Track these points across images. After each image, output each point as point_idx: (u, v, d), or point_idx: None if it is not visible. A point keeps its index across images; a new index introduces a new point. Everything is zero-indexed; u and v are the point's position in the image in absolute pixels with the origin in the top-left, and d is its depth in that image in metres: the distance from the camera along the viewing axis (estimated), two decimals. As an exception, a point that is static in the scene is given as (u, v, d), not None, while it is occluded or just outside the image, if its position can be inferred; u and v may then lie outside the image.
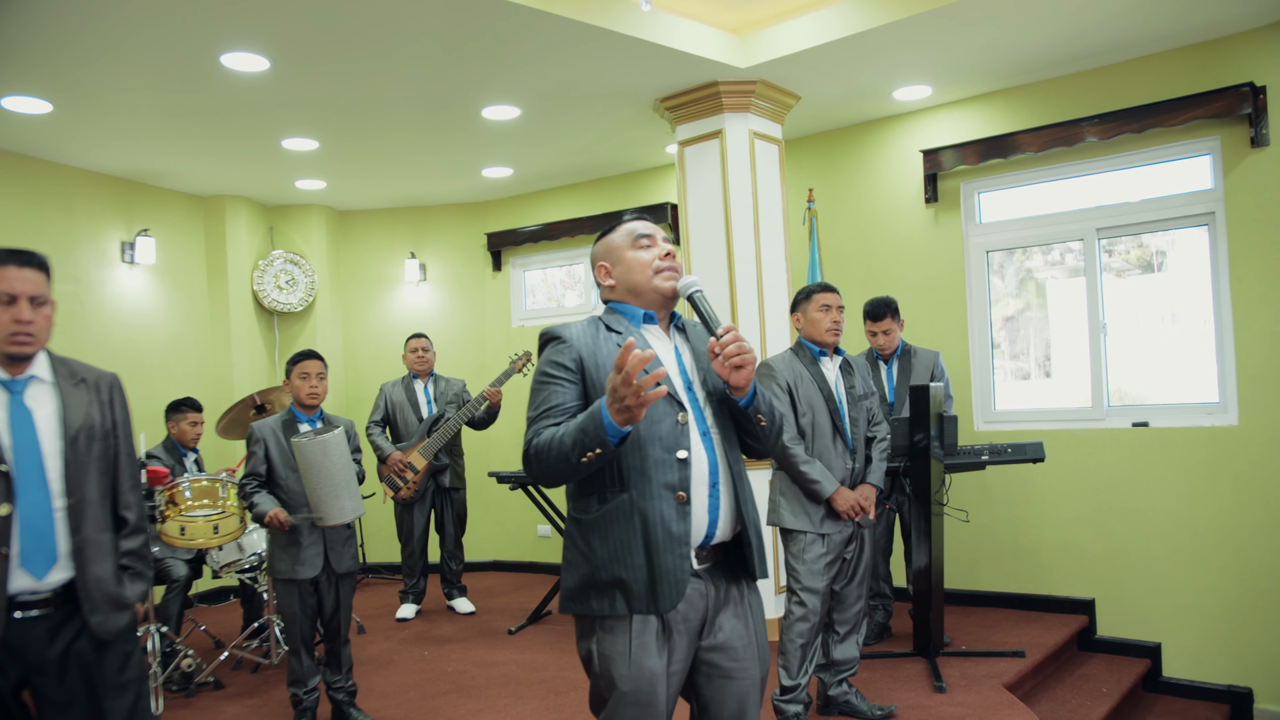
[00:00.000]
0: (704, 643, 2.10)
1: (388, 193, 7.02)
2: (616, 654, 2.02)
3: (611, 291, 2.23)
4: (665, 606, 1.99)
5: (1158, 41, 4.67)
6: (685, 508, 2.03)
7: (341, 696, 4.05)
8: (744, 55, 4.75)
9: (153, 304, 6.27)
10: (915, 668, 4.34)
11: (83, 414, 2.41)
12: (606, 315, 2.21)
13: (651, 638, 2.03)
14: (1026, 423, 5.28)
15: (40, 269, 2.37)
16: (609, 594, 2.03)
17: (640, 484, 2.03)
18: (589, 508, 2.09)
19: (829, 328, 3.63)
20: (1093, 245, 5.08)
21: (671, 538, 2.01)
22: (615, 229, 2.25)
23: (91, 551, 2.37)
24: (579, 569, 2.08)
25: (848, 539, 3.65)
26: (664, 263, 2.16)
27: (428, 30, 4.12)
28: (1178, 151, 4.82)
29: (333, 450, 3.75)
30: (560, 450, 1.97)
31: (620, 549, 2.02)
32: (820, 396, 3.61)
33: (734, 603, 2.13)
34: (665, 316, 2.22)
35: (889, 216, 5.66)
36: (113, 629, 2.38)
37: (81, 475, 2.38)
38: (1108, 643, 4.97)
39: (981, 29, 4.42)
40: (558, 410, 2.07)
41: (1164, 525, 4.80)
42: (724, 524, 2.09)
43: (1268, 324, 4.52)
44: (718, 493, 2.09)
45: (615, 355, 2.05)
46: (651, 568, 2.00)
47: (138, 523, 2.54)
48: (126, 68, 4.33)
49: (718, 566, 2.12)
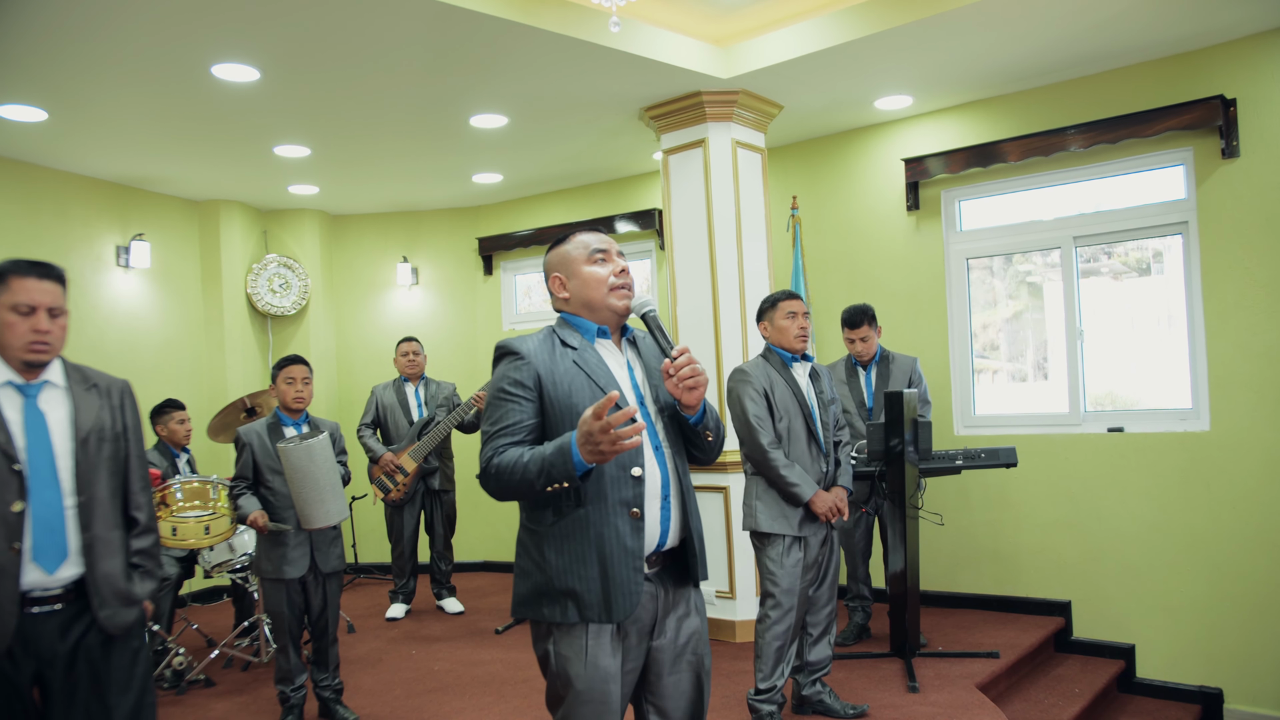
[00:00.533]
0: (654, 642, 2.21)
1: (380, 197, 7.12)
2: (573, 654, 2.11)
3: (565, 303, 2.27)
4: (619, 615, 2.09)
5: (1132, 54, 4.76)
6: (639, 523, 2.11)
7: (328, 694, 4.14)
8: (726, 66, 4.84)
9: (147, 307, 6.36)
10: (892, 668, 4.43)
11: (93, 417, 2.53)
12: (560, 328, 2.25)
13: (606, 639, 2.12)
14: (1005, 428, 5.37)
15: (59, 281, 2.50)
16: (561, 602, 2.11)
17: (596, 500, 2.10)
18: (543, 519, 2.16)
19: (797, 334, 3.71)
20: (1070, 253, 5.17)
21: (626, 551, 2.09)
22: (569, 239, 2.28)
23: (101, 548, 2.48)
24: (532, 577, 2.16)
25: (822, 541, 3.73)
26: (619, 279, 2.21)
27: (413, 42, 4.21)
28: (1152, 162, 4.91)
29: (318, 455, 3.83)
30: (524, 476, 2.04)
31: (574, 561, 2.10)
32: (795, 401, 3.69)
33: (680, 604, 2.25)
34: (617, 331, 2.28)
35: (871, 223, 5.75)
36: (121, 624, 2.49)
37: (91, 475, 2.49)
38: (1083, 644, 5.06)
39: (959, 42, 4.51)
40: (516, 428, 2.13)
41: (1138, 529, 4.89)
42: (673, 533, 2.20)
43: (1238, 332, 4.61)
44: (669, 505, 2.18)
45: (570, 370, 2.16)
46: (605, 579, 2.08)
47: (148, 522, 2.66)
48: (119, 77, 4.42)
49: (665, 570, 2.22)
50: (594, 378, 2.16)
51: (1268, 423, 4.53)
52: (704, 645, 2.28)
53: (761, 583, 3.70)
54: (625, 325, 2.30)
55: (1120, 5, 4.16)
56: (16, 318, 2.39)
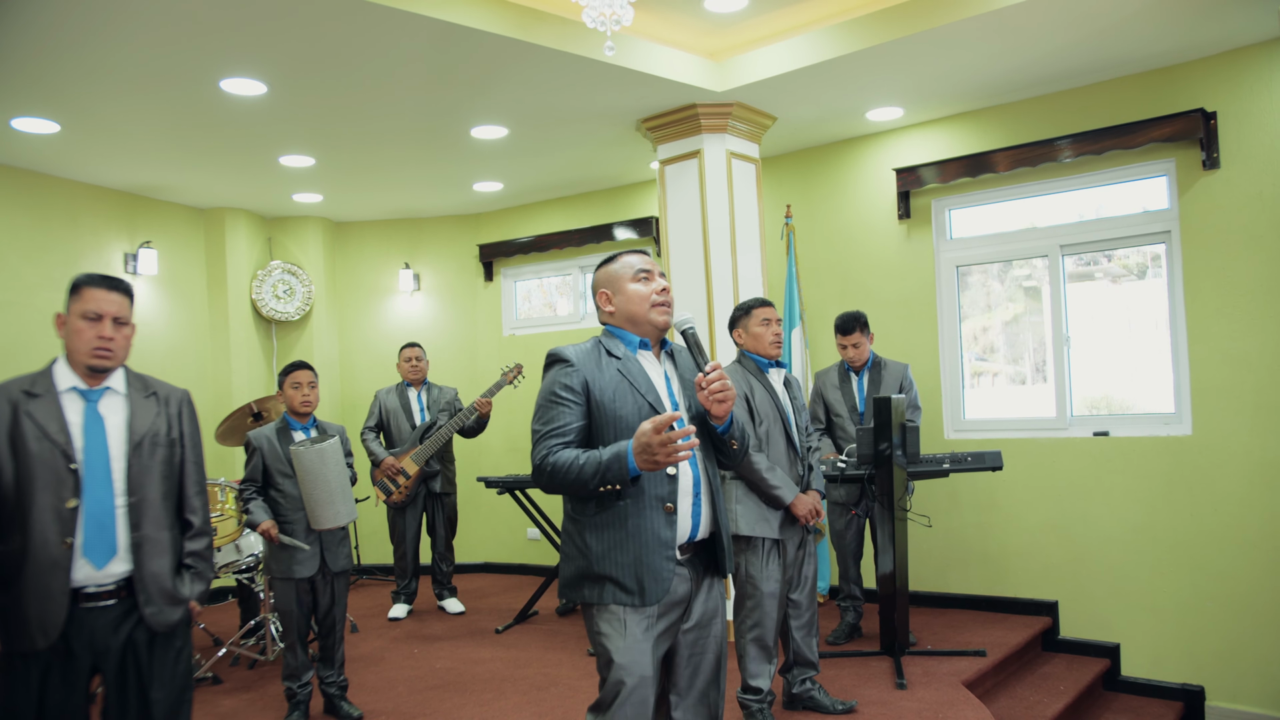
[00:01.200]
0: (684, 625, 2.44)
1: (383, 205, 7.25)
2: (613, 632, 2.35)
3: (611, 317, 2.52)
4: (652, 600, 2.32)
5: (1117, 67, 4.89)
6: (672, 517, 2.35)
7: (334, 690, 4.27)
8: (720, 80, 4.97)
9: (154, 313, 6.49)
10: (881, 666, 4.55)
11: (149, 423, 2.68)
12: (606, 339, 2.49)
13: (641, 617, 2.34)
14: (994, 432, 5.49)
15: (125, 294, 2.67)
16: (600, 585, 2.35)
17: (635, 495, 2.34)
18: (587, 510, 2.39)
19: (772, 340, 3.82)
20: (1056, 261, 5.30)
21: (660, 542, 2.33)
22: (617, 259, 2.53)
23: (150, 547, 2.62)
24: (575, 562, 2.40)
25: (798, 544, 3.85)
26: (660, 297, 2.46)
27: (416, 58, 4.34)
28: (1136, 172, 5.04)
29: (329, 458, 3.96)
30: (579, 476, 2.27)
31: (612, 548, 2.34)
32: (773, 407, 3.80)
33: (705, 590, 2.47)
34: (657, 344, 2.51)
35: (863, 232, 5.88)
36: (166, 622, 2.62)
37: (144, 477, 2.64)
38: (1070, 643, 5.18)
39: (947, 56, 4.63)
40: (566, 429, 2.36)
41: (1123, 531, 5.01)
42: (703, 526, 2.44)
43: (1219, 339, 4.74)
44: (700, 501, 2.42)
45: (615, 378, 2.39)
46: (640, 566, 2.31)
47: (203, 526, 2.81)
48: (130, 91, 4.55)
49: (696, 558, 2.45)
50: (636, 386, 2.40)
51: (1248, 428, 4.66)
52: (722, 629, 2.51)
53: (741, 586, 3.81)
54: (665, 339, 2.53)
55: (1104, 21, 4.29)
56: (85, 324, 2.57)
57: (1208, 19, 4.30)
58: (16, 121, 4.88)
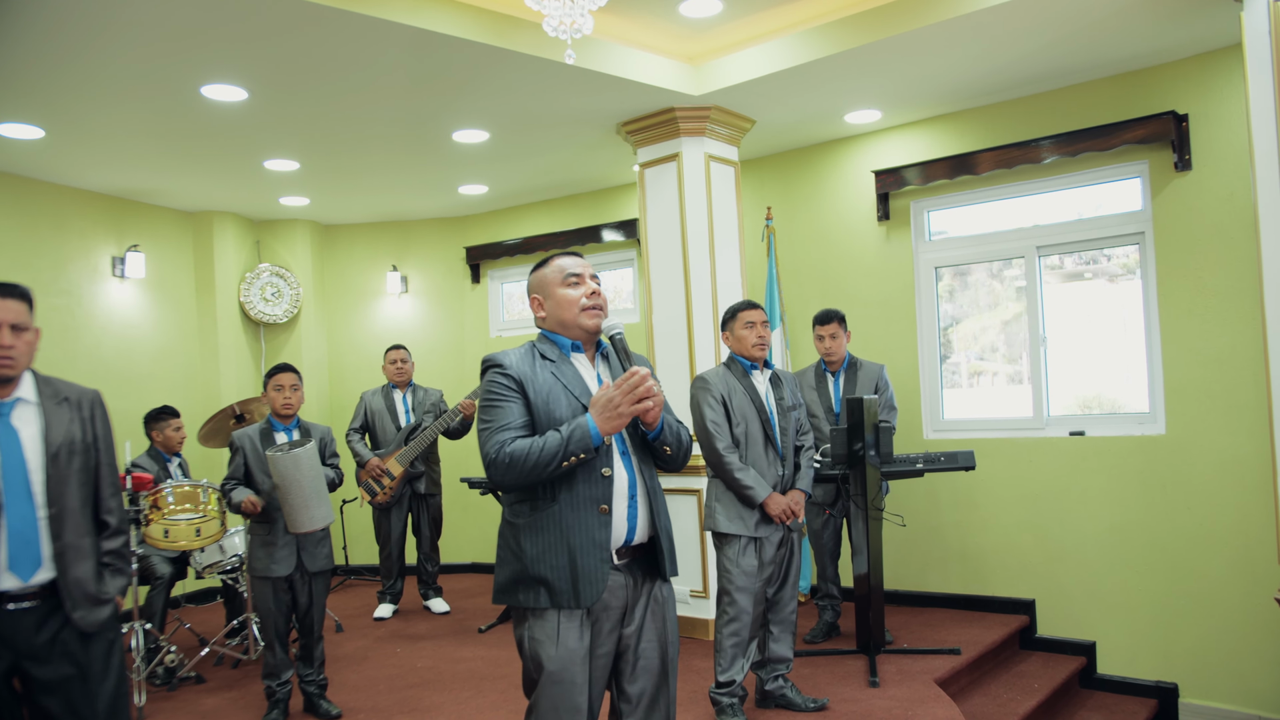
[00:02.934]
0: (624, 629, 2.44)
1: (370, 208, 7.30)
2: (544, 637, 2.34)
3: (544, 321, 2.55)
4: (585, 602, 2.32)
5: (1090, 70, 4.94)
6: (606, 518, 2.36)
7: (313, 689, 4.32)
8: (698, 84, 5.02)
9: (142, 316, 6.54)
10: (856, 664, 4.60)
11: (64, 431, 2.69)
12: (540, 343, 2.53)
13: (575, 623, 2.34)
14: (972, 431, 5.53)
15: (22, 299, 2.64)
16: (534, 589, 2.35)
17: (569, 497, 2.35)
18: (521, 513, 2.40)
19: (755, 343, 3.89)
20: (1033, 262, 5.35)
21: (594, 543, 2.34)
22: (549, 263, 2.55)
23: (72, 555, 2.65)
24: (510, 566, 2.41)
25: (779, 543, 3.90)
26: (590, 301, 2.48)
27: (394, 64, 4.39)
28: (1111, 174, 5.09)
29: (304, 463, 4.00)
30: (540, 457, 2.28)
31: (546, 551, 2.34)
32: (752, 408, 3.86)
33: (647, 595, 2.47)
34: (590, 346, 2.54)
35: (843, 234, 5.93)
36: (93, 622, 2.67)
37: (62, 487, 2.65)
38: (1047, 641, 5.22)
39: (923, 59, 4.68)
40: (513, 424, 2.37)
41: (1098, 529, 5.05)
42: (641, 529, 2.44)
43: (1192, 339, 4.78)
44: (636, 504, 2.43)
45: (549, 381, 2.43)
46: (574, 568, 2.32)
47: (118, 525, 2.83)
48: (113, 97, 4.60)
49: (636, 563, 2.45)
50: (569, 388, 2.44)
51: (1220, 427, 4.70)
52: (671, 634, 2.51)
53: (719, 580, 3.87)
54: (600, 341, 2.55)
55: (1073, 26, 4.33)
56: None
57: (1174, 23, 4.34)
58: (1, 127, 4.94)
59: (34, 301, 2.71)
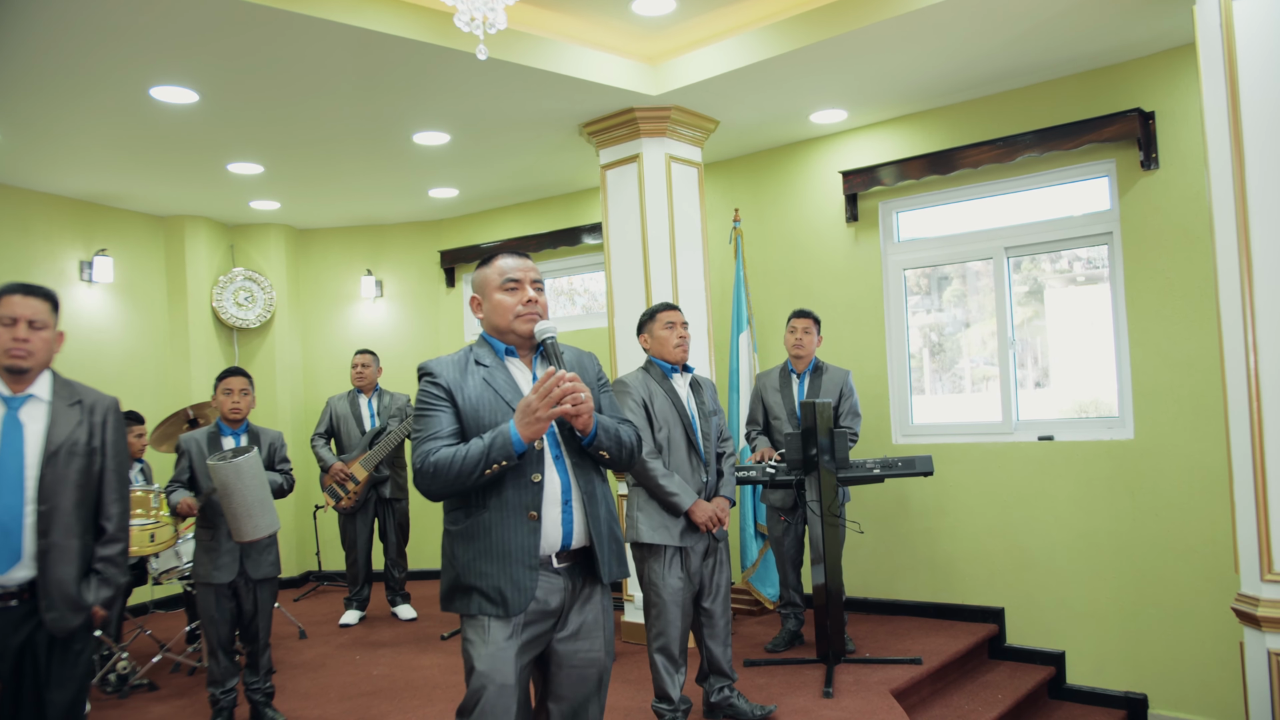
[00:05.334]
0: (557, 634, 2.40)
1: (343, 212, 7.26)
2: (476, 639, 2.34)
3: (482, 323, 2.52)
4: (514, 610, 2.30)
5: (1055, 68, 4.84)
6: (536, 525, 2.33)
7: (259, 698, 4.26)
8: (656, 83, 4.95)
9: (111, 321, 6.51)
10: (814, 674, 4.50)
11: (68, 432, 2.72)
12: (478, 346, 2.50)
13: (507, 627, 2.32)
14: (941, 436, 5.44)
15: (44, 299, 2.76)
16: (468, 596, 2.35)
17: (498, 503, 2.33)
18: (457, 520, 2.39)
19: (676, 344, 3.81)
20: (1001, 264, 5.25)
21: (522, 551, 2.32)
22: (491, 263, 2.51)
23: (57, 555, 2.65)
24: (448, 574, 2.41)
25: (705, 553, 3.81)
26: (525, 308, 2.44)
27: (340, 66, 4.33)
28: (1078, 174, 4.98)
29: (245, 472, 3.93)
30: (464, 466, 2.26)
31: (477, 558, 2.33)
32: (674, 412, 3.77)
33: (585, 600, 2.44)
34: (526, 350, 2.49)
35: (812, 236, 5.84)
36: (66, 627, 2.65)
37: (57, 486, 2.68)
38: (1016, 651, 5.11)
39: (883, 57, 4.59)
40: (441, 433, 2.36)
41: (1067, 536, 4.95)
42: (578, 534, 2.40)
43: (1160, 341, 4.67)
44: (570, 509, 2.39)
45: (479, 386, 2.40)
46: (502, 576, 2.30)
47: (115, 532, 2.83)
48: (64, 99, 4.56)
49: (576, 567, 2.42)
50: (500, 393, 2.40)
51: (1188, 431, 4.59)
52: (606, 643, 2.46)
53: (645, 593, 3.77)
54: (540, 343, 2.47)
55: (1027, 23, 4.24)
56: (2, 329, 2.66)
57: (1133, 19, 4.24)
58: (-45, 131, 4.92)
59: (59, 304, 2.81)
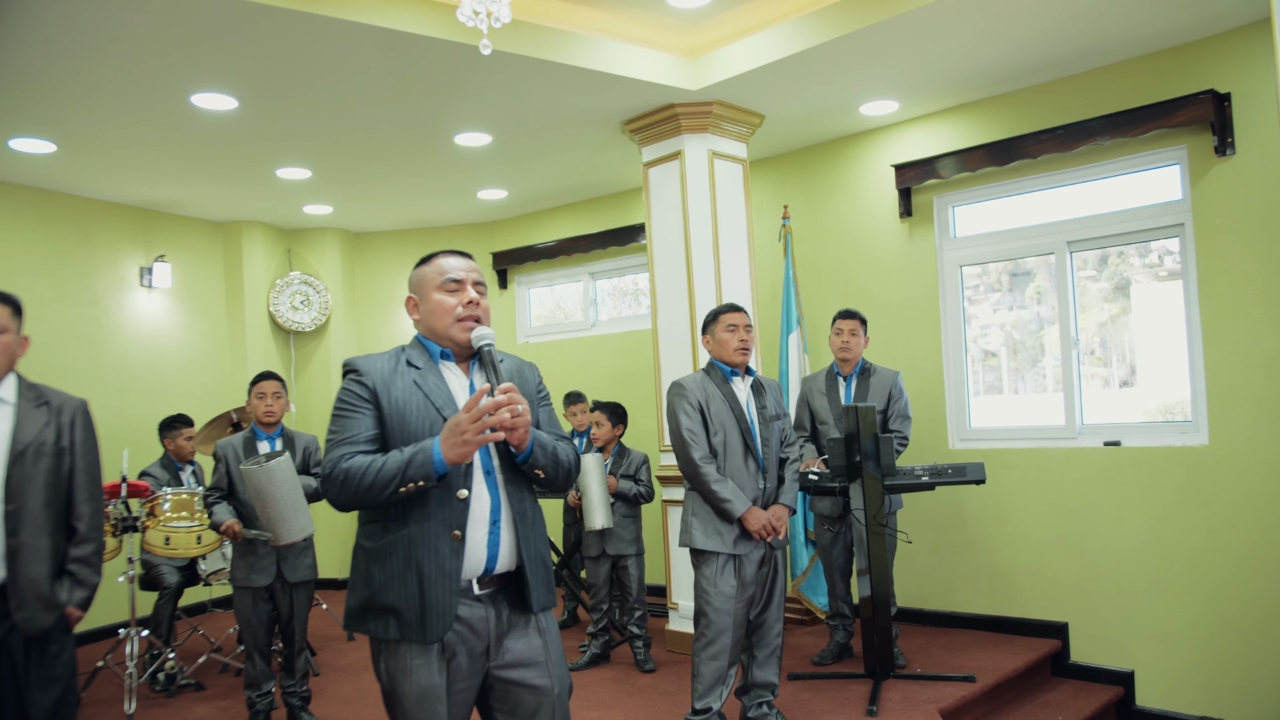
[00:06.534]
0: (493, 664, 2.21)
1: (396, 216, 7.30)
2: (398, 673, 2.14)
3: (417, 325, 2.34)
4: (433, 636, 2.11)
5: (1120, 49, 4.55)
6: (460, 545, 2.14)
7: (295, 701, 4.26)
8: (696, 78, 4.81)
9: (170, 325, 6.65)
10: (860, 690, 4.31)
11: (34, 433, 2.71)
12: (411, 347, 2.31)
13: (432, 658, 2.14)
14: (1001, 441, 5.17)
15: (4, 304, 2.74)
16: (384, 619, 2.14)
17: (420, 520, 2.13)
18: (373, 535, 2.20)
19: (736, 347, 3.67)
20: (1064, 259, 4.96)
21: (443, 573, 2.12)
22: (430, 261, 2.33)
23: (27, 554, 2.65)
24: (359, 592, 2.20)
25: (760, 561, 3.66)
26: (465, 310, 2.25)
27: (375, 68, 4.31)
28: (1146, 161, 4.68)
29: (277, 476, 3.93)
30: (378, 478, 2.07)
31: (395, 578, 2.13)
32: (731, 416, 3.64)
33: (521, 626, 2.24)
34: (463, 355, 2.30)
35: (864, 232, 5.63)
36: (38, 627, 2.64)
37: (24, 486, 2.67)
38: (1081, 669, 4.82)
39: (934, 41, 4.35)
40: (358, 438, 2.17)
41: (1135, 548, 4.64)
42: (504, 557, 2.21)
43: (1236, 339, 4.35)
44: (498, 530, 2.20)
45: (408, 390, 2.20)
46: (423, 599, 2.11)
47: (87, 531, 2.81)
48: (109, 109, 4.65)
49: (501, 593, 2.22)
50: (430, 398, 2.21)
51: (1269, 436, 4.26)
52: (554, 670, 2.26)
53: (696, 601, 3.65)
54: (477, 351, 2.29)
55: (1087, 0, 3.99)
56: None
57: (1204, -8, 3.95)
58: (14, 142, 5.06)
59: (21, 308, 2.80)
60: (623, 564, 4.88)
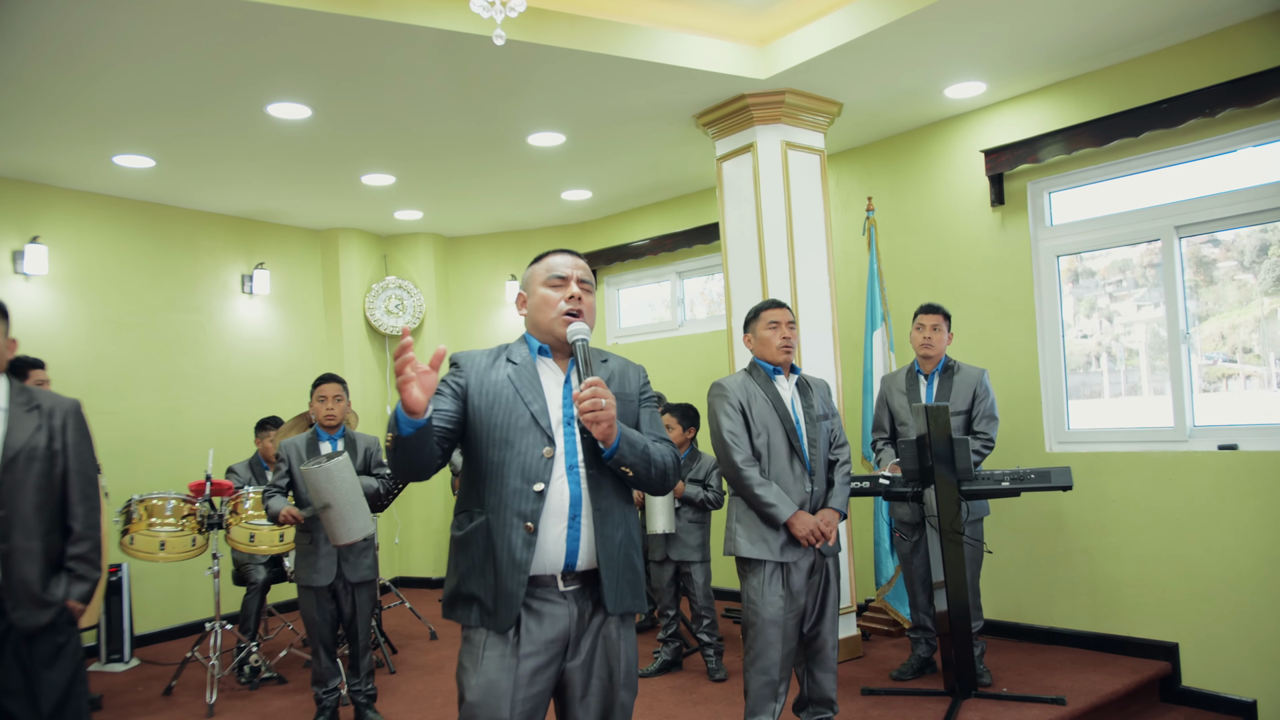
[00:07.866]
0: (569, 663, 2.20)
1: (486, 219, 7.38)
2: (469, 664, 2.17)
3: (525, 320, 2.38)
4: (502, 626, 2.13)
5: (1232, 10, 4.12)
6: (532, 538, 2.14)
7: (361, 699, 4.32)
8: (764, 66, 4.64)
9: (270, 331, 6.91)
10: (938, 708, 4.05)
11: (25, 438, 2.79)
12: (516, 343, 2.36)
13: (501, 651, 2.14)
14: (1102, 444, 4.78)
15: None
16: (468, 606, 2.20)
17: (496, 510, 2.17)
18: (460, 524, 2.26)
19: (779, 345, 3.49)
20: (1171, 245, 4.54)
21: (514, 564, 2.13)
22: (542, 259, 2.37)
23: (19, 556, 2.73)
24: (450, 580, 2.28)
25: (810, 569, 3.46)
26: (568, 305, 2.27)
27: (438, 71, 4.34)
28: (1262, 135, 4.22)
29: (335, 477, 3.98)
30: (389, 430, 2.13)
31: (476, 567, 2.18)
32: (775, 416, 3.46)
33: (599, 626, 2.23)
34: (561, 351, 2.32)
35: (953, 222, 5.31)
36: (33, 625, 2.73)
37: (16, 491, 2.74)
38: (1195, 695, 4.39)
39: (1019, 13, 4.03)
40: (436, 415, 2.19)
41: (1255, 563, 4.20)
42: (585, 554, 2.19)
43: (1371, 331, 3.87)
44: (578, 525, 2.18)
45: (500, 383, 2.25)
46: (497, 588, 2.13)
47: (83, 530, 2.89)
48: (193, 123, 4.85)
49: (584, 590, 2.21)
50: (522, 393, 2.24)
51: None
52: (621, 677, 2.25)
53: (744, 612, 3.48)
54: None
55: (1184, -40, 3.62)
56: None
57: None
58: (118, 158, 5.34)
59: (8, 313, 2.87)
60: (685, 570, 4.75)
